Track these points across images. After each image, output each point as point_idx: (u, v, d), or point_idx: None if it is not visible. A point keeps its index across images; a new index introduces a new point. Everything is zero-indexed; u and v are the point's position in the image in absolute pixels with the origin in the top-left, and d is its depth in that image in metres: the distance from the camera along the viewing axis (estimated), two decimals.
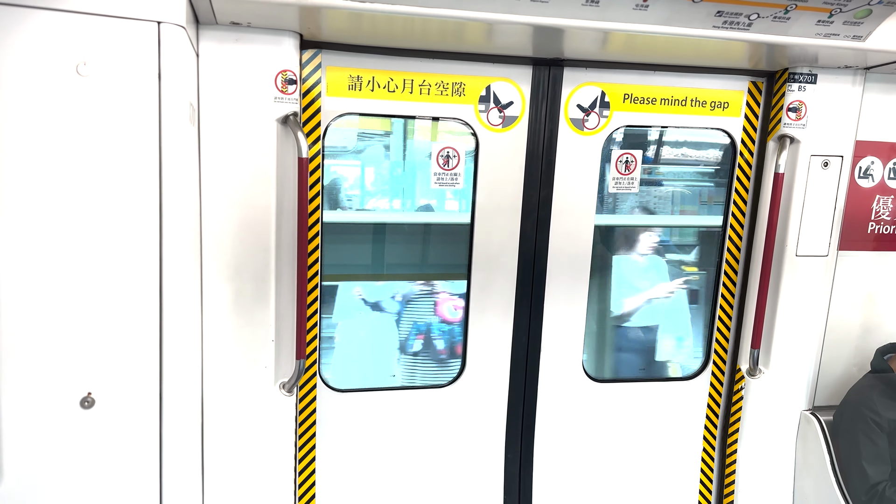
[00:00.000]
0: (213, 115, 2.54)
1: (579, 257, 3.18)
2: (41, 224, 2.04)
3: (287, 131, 2.64)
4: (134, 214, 2.14)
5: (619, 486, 3.48)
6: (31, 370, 2.10)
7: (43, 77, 1.98)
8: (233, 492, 2.81)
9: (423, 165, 3.45)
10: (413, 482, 3.26)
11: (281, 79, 2.59)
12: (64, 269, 2.09)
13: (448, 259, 3.79)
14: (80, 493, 2.22)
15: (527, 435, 3.33)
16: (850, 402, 3.20)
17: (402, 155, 3.90)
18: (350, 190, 3.94)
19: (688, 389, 3.47)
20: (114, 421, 2.22)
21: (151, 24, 2.08)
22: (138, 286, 2.18)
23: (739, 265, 3.36)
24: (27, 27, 1.95)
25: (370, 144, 3.90)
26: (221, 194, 2.60)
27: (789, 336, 3.27)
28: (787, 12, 2.50)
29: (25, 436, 2.13)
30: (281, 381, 2.81)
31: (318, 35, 2.67)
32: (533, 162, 3.06)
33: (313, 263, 2.89)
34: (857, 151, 3.17)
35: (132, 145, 2.11)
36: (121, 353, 2.19)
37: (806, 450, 3.35)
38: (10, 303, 2.05)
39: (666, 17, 2.49)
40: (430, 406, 3.21)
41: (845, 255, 3.26)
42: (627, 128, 3.16)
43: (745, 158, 3.25)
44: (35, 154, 2.01)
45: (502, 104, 2.98)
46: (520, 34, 2.61)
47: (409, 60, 2.85)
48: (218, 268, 2.65)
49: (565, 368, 3.28)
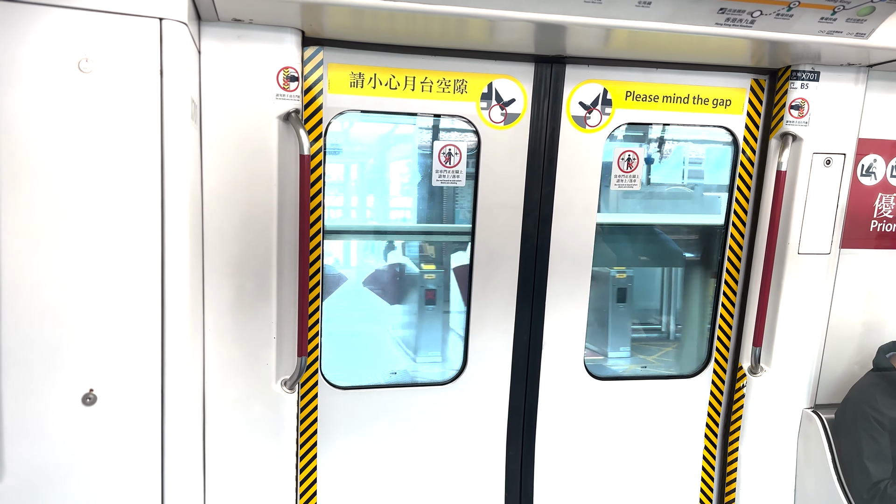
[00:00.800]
0: (214, 112, 2.54)
1: (581, 255, 3.18)
2: (43, 220, 2.05)
3: (289, 128, 2.64)
4: (136, 211, 2.14)
5: (621, 484, 3.48)
6: (33, 367, 2.11)
7: (45, 73, 1.98)
8: (234, 489, 2.82)
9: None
10: (414, 480, 3.25)
11: (283, 76, 2.59)
12: (65, 265, 2.09)
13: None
14: (81, 489, 2.23)
15: (528, 432, 3.32)
16: (852, 399, 3.20)
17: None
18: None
19: (689, 387, 3.47)
20: (116, 418, 2.22)
21: (153, 20, 2.08)
22: (140, 282, 2.18)
23: (741, 263, 3.36)
24: (30, 23, 1.96)
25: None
26: (223, 191, 2.60)
27: (791, 334, 3.27)
28: (790, 9, 2.49)
29: (27, 432, 2.13)
30: (282, 379, 2.81)
31: (320, 32, 2.67)
32: (535, 159, 3.05)
33: (315, 261, 2.89)
34: (860, 149, 3.16)
35: (134, 142, 2.11)
36: (123, 350, 2.19)
37: (807, 448, 3.35)
38: (13, 299, 2.05)
39: (669, 15, 2.48)
40: (432, 403, 3.21)
41: (847, 253, 3.26)
42: (629, 125, 3.16)
43: (748, 156, 3.24)
44: (37, 150, 2.01)
45: (504, 101, 2.98)
46: (522, 31, 2.61)
47: (411, 57, 2.85)
48: (220, 265, 2.64)
49: (567, 366, 3.28)
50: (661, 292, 4.47)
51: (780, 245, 3.14)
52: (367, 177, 4.41)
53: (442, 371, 3.74)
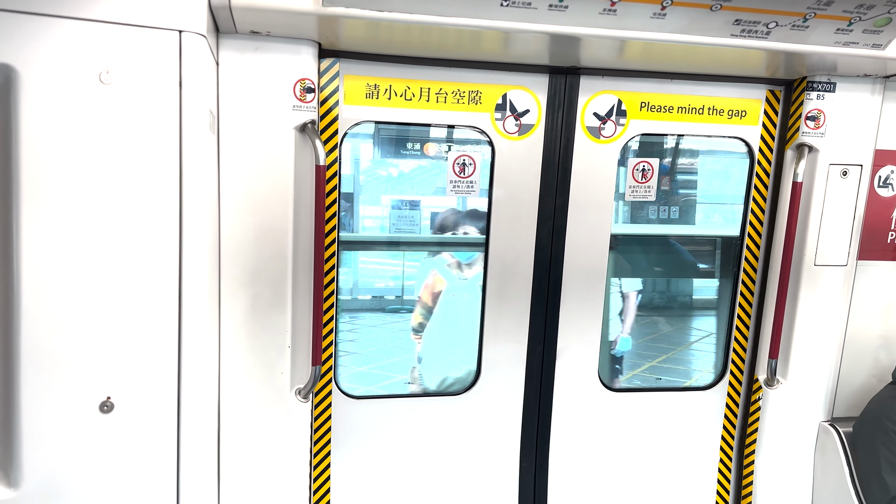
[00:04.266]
0: (232, 123, 2.57)
1: (595, 265, 3.17)
2: (63, 230, 2.07)
3: (305, 139, 2.66)
4: (154, 221, 2.16)
5: (635, 496, 3.45)
6: (52, 374, 2.12)
7: (67, 85, 2.01)
8: (248, 496, 2.82)
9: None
10: (428, 490, 3.25)
11: (300, 87, 2.61)
12: (84, 274, 2.11)
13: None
14: (98, 496, 2.24)
15: (542, 443, 3.31)
16: (870, 412, 3.16)
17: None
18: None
19: (704, 399, 3.44)
20: (132, 425, 2.23)
21: (173, 32, 2.11)
22: (157, 291, 2.20)
23: (757, 274, 3.34)
24: (51, 36, 1.99)
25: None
26: (240, 201, 2.62)
27: (807, 346, 3.24)
28: (805, 20, 2.49)
29: (45, 439, 2.15)
30: (297, 387, 2.82)
31: (337, 44, 2.69)
32: (549, 170, 3.06)
33: (329, 270, 2.90)
34: (877, 160, 3.14)
35: (153, 153, 2.13)
36: (140, 358, 2.21)
37: (824, 461, 3.31)
38: (32, 307, 2.07)
39: (684, 26, 2.49)
40: (445, 414, 3.21)
41: (865, 265, 3.23)
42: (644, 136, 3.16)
43: (763, 167, 3.23)
44: (58, 161, 2.04)
45: (518, 112, 2.99)
46: (537, 42, 2.62)
47: (425, 69, 2.87)
48: (236, 274, 2.66)
49: (581, 377, 3.27)
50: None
51: (796, 256, 3.12)
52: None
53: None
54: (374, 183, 5.01)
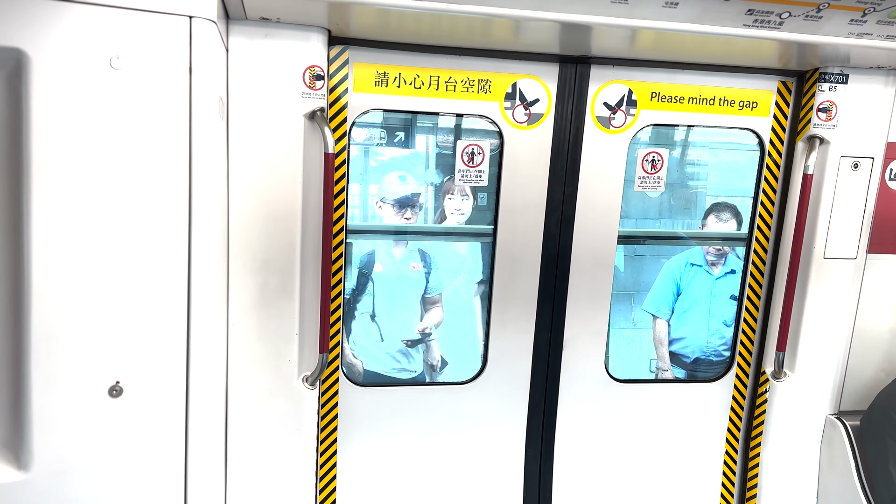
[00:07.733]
0: (241, 110, 2.57)
1: (603, 256, 3.17)
2: (73, 215, 2.08)
3: (314, 126, 2.66)
4: (163, 206, 2.17)
5: (640, 486, 3.46)
6: (62, 359, 2.14)
7: (77, 69, 2.02)
8: (255, 482, 2.84)
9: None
10: (433, 478, 3.26)
11: (309, 74, 2.61)
12: (94, 259, 2.12)
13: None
14: (106, 479, 2.26)
15: (548, 433, 3.32)
16: (878, 406, 3.15)
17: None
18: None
19: (711, 391, 3.44)
20: (141, 410, 2.25)
21: (183, 18, 2.11)
22: (166, 278, 2.21)
23: (766, 267, 3.33)
24: (63, 20, 1.99)
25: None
26: (249, 188, 2.62)
27: (816, 339, 3.23)
28: (819, 11, 2.46)
29: (55, 423, 2.17)
30: (304, 375, 2.83)
31: (346, 31, 2.68)
32: (558, 160, 3.05)
33: (337, 258, 2.91)
34: (889, 153, 3.11)
35: (163, 138, 2.14)
36: (149, 343, 2.22)
37: (831, 455, 3.31)
38: (42, 293, 2.09)
39: (696, 16, 2.47)
40: (451, 402, 3.22)
41: (875, 259, 3.21)
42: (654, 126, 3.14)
43: (774, 159, 3.21)
44: (68, 146, 2.04)
45: (528, 101, 2.98)
46: (547, 31, 2.61)
47: (435, 57, 2.86)
48: (244, 261, 2.67)
49: (587, 368, 3.27)
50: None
51: (805, 249, 3.11)
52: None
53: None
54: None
